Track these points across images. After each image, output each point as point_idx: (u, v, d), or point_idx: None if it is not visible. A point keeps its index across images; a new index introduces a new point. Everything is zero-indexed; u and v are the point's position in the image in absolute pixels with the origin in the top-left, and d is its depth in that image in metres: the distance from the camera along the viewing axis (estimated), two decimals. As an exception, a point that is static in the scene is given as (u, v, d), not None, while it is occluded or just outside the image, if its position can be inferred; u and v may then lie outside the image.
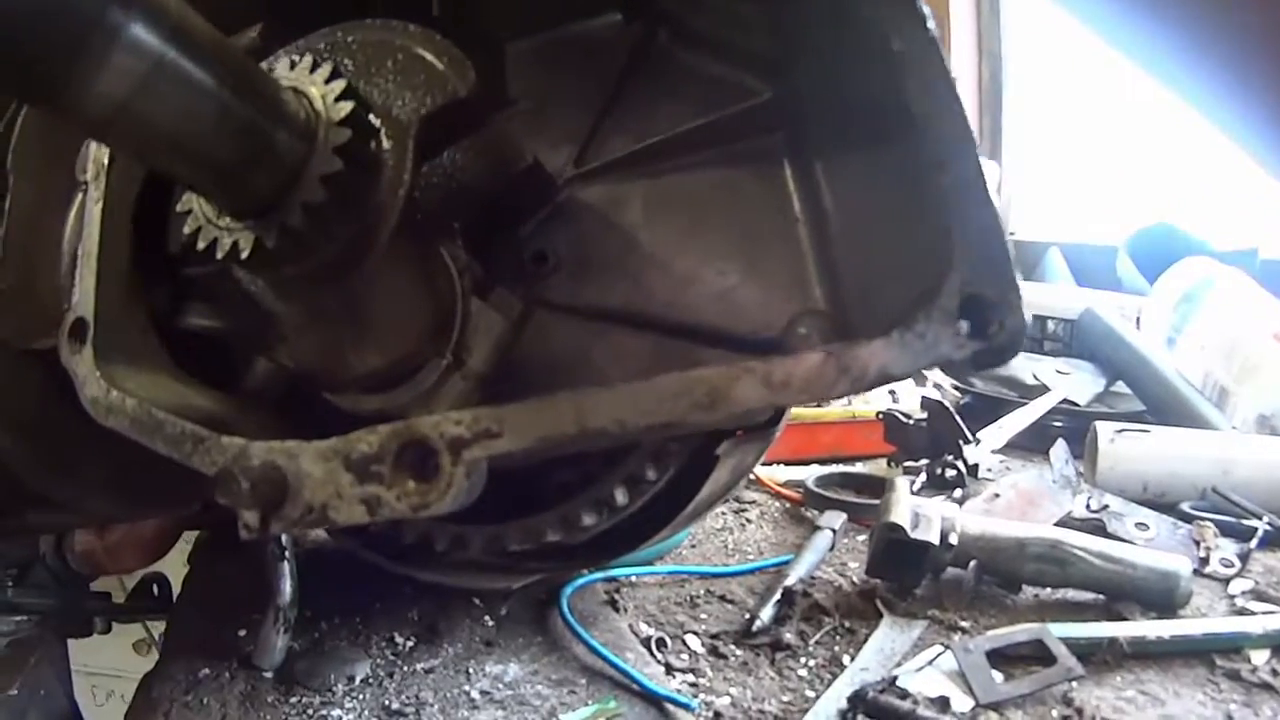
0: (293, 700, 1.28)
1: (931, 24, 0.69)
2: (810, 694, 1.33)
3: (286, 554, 1.35)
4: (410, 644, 1.42)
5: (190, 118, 0.66)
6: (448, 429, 0.68)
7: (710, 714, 1.29)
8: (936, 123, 0.66)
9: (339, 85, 0.78)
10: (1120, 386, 2.75)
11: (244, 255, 0.77)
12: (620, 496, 1.07)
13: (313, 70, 0.79)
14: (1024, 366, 2.79)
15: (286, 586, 1.34)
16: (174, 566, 1.87)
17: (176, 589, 1.81)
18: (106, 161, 0.93)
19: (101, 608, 1.91)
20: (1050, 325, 3.09)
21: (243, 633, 1.42)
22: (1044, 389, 2.63)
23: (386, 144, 0.80)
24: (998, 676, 1.32)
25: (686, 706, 1.27)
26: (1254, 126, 0.57)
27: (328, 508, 0.71)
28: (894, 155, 0.76)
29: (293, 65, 0.81)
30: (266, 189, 0.75)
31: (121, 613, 1.94)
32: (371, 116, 0.80)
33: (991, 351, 0.62)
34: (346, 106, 0.76)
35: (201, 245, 0.80)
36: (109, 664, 3.27)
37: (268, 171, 0.74)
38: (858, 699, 1.26)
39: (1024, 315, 0.62)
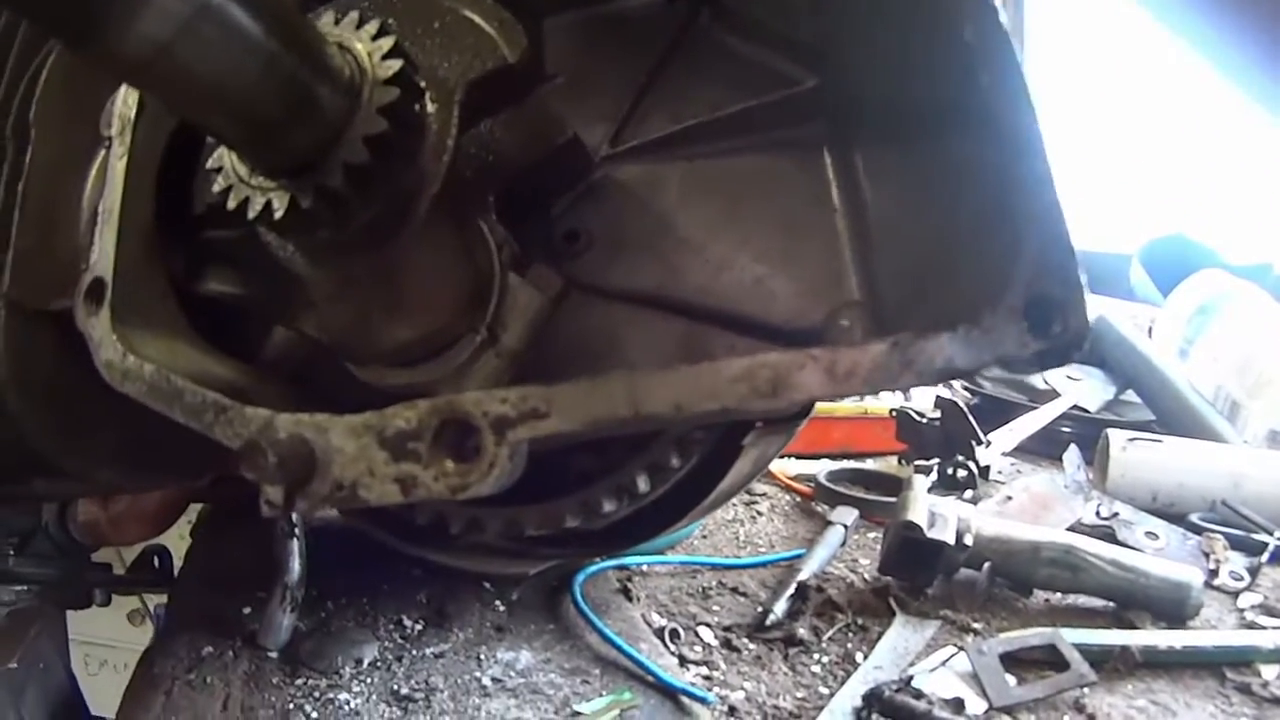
0: (298, 682, 1.26)
1: (1004, 15, 0.67)
2: (824, 690, 1.33)
3: (296, 531, 1.33)
4: (419, 627, 1.41)
5: (233, 66, 0.64)
6: (492, 407, 0.66)
7: (725, 708, 1.28)
8: (1009, 118, 0.65)
9: (387, 42, 0.75)
10: (1130, 395, 2.75)
11: (277, 216, 0.75)
12: (642, 484, 1.05)
13: (359, 25, 0.77)
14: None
15: (295, 565, 1.32)
16: (174, 539, 1.86)
17: (177, 562, 1.80)
18: (133, 116, 0.91)
19: (102, 579, 1.89)
20: (1063, 331, 3.10)
21: (247, 610, 1.40)
22: (1054, 394, 2.63)
23: (432, 106, 0.78)
24: (1011, 680, 1.32)
25: (704, 700, 1.26)
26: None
27: (359, 485, 0.69)
28: (939, 149, 0.76)
29: (338, 20, 0.78)
30: (306, 146, 0.73)
31: (122, 585, 1.93)
32: (418, 78, 0.78)
33: (1054, 351, 0.61)
34: (394, 65, 0.74)
35: (232, 204, 0.77)
36: (102, 633, 3.28)
37: (309, 128, 0.72)
38: (873, 698, 1.25)
39: (1088, 317, 0.61)
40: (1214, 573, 1.70)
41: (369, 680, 1.27)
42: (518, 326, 0.87)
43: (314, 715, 1.21)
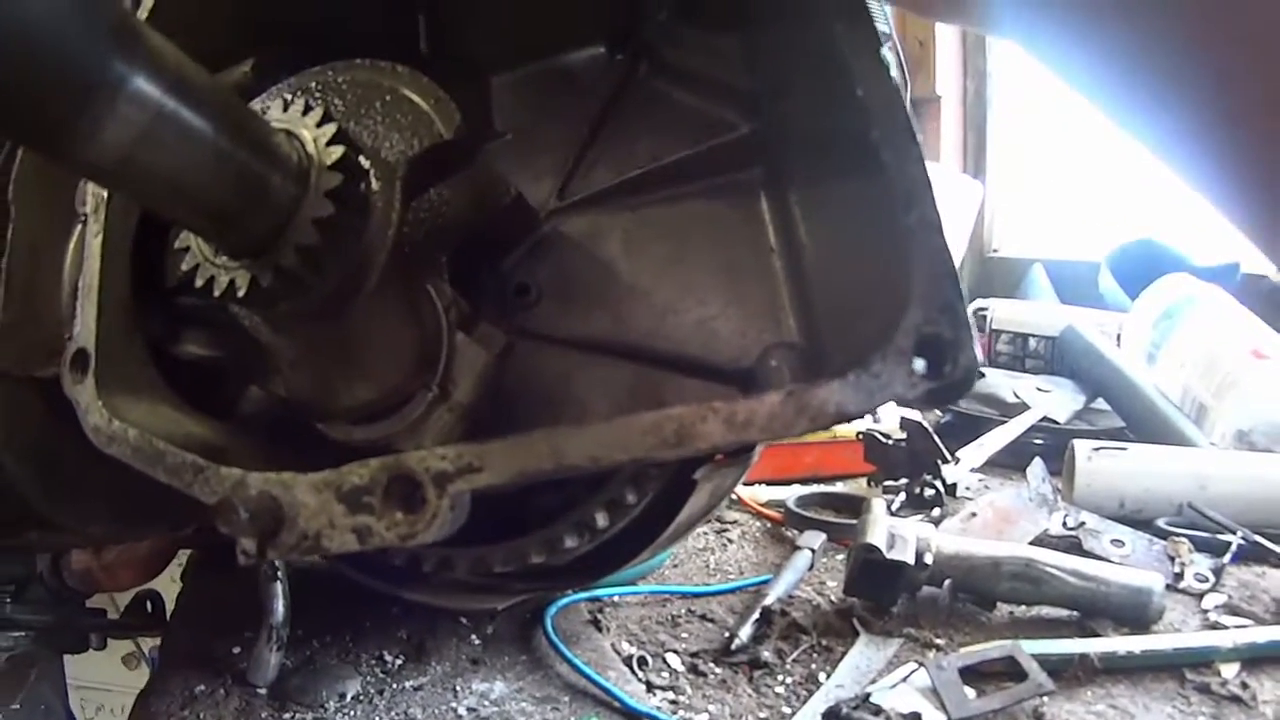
0: (286, 716, 1.30)
1: (895, 72, 0.72)
2: (786, 710, 1.35)
3: (279, 574, 1.37)
4: (399, 662, 1.45)
5: (190, 165, 0.68)
6: (433, 464, 0.71)
7: (688, 731, 1.32)
8: (898, 169, 0.69)
9: (330, 129, 0.80)
10: (1101, 403, 2.76)
11: (240, 294, 0.80)
12: (601, 520, 1.08)
13: (305, 113, 0.82)
14: (1005, 384, 2.81)
15: (279, 606, 1.36)
16: (165, 583, 1.90)
17: (169, 606, 1.84)
18: (105, 196, 0.95)
19: (97, 624, 1.93)
20: (1031, 343, 3.13)
21: (236, 650, 1.44)
22: (1024, 407, 2.64)
23: (376, 185, 0.83)
24: (970, 692, 1.34)
25: (667, 724, 1.30)
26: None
27: (321, 536, 0.74)
28: (865, 188, 0.78)
29: (286, 107, 0.83)
30: (261, 231, 0.77)
31: (116, 629, 1.96)
32: (361, 158, 0.83)
33: (945, 389, 0.64)
34: (337, 151, 0.79)
35: (199, 283, 0.82)
36: (98, 677, 3.28)
37: (263, 214, 0.77)
38: (832, 715, 1.28)
39: (976, 354, 0.64)
40: (1179, 576, 1.73)
41: (352, 713, 1.32)
42: (467, 383, 0.91)
43: (302, 749, 1.26)
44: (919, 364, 0.64)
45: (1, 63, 0.54)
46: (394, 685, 1.39)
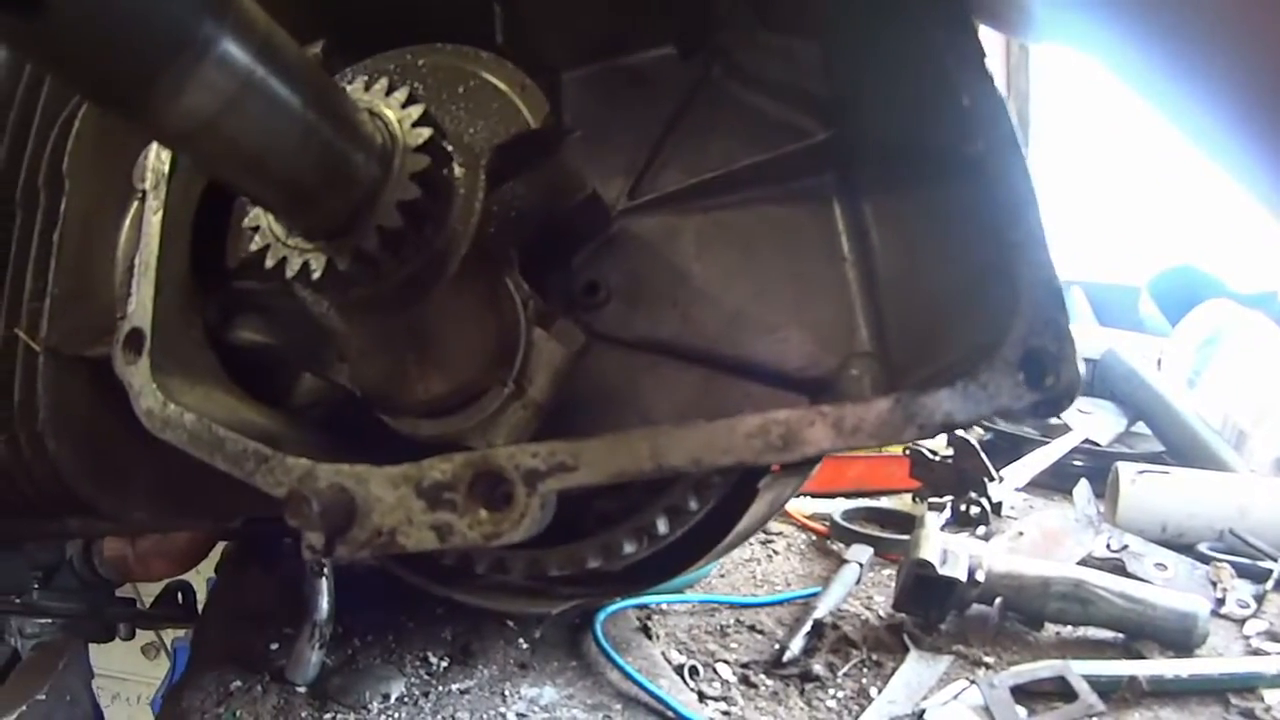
0: (327, 716, 1.29)
1: (1000, 82, 0.70)
2: (840, 725, 1.34)
3: (325, 570, 1.35)
4: (445, 664, 1.43)
5: (273, 137, 0.65)
6: (524, 461, 0.69)
7: (743, 743, 1.30)
8: (1005, 181, 0.67)
9: (416, 110, 0.77)
10: (1140, 427, 2.76)
11: (315, 276, 0.76)
12: (662, 526, 1.07)
13: (389, 93, 0.79)
14: (1046, 405, 2.78)
15: (324, 603, 1.34)
16: (193, 574, 1.88)
17: (200, 598, 1.83)
18: (166, 170, 0.93)
19: (127, 614, 1.92)
20: (1073, 365, 3.11)
21: (275, 646, 1.43)
22: (1066, 428, 2.64)
23: (460, 171, 0.80)
24: (1021, 712, 1.33)
25: (723, 735, 1.28)
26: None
27: (397, 532, 0.72)
28: (944, 199, 0.78)
29: (367, 86, 0.80)
30: (341, 211, 0.74)
31: (147, 619, 1.95)
32: (445, 143, 0.80)
33: (1048, 402, 0.63)
34: (424, 132, 0.76)
35: (270, 263, 0.79)
36: (115, 666, 3.28)
37: (344, 194, 0.74)
38: (889, 732, 1.26)
39: (1079, 368, 0.64)
40: (1221, 601, 1.72)
41: (397, 715, 1.30)
42: (543, 380, 0.88)
43: (344, 749, 1.24)
44: (1021, 376, 0.63)
45: (86, 6, 0.51)
46: (440, 688, 1.37)
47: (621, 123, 1.05)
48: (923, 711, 1.34)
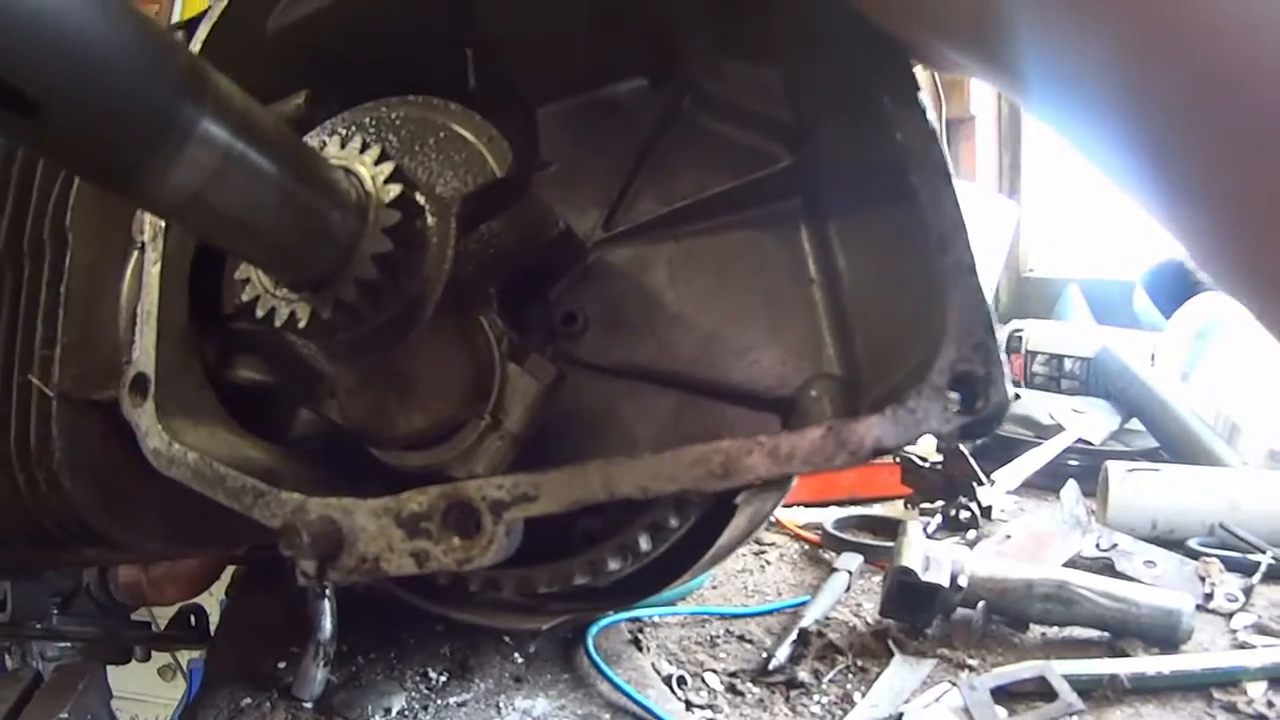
0: (332, 731, 1.33)
1: (931, 115, 0.74)
2: (822, 730, 1.37)
3: (327, 592, 1.40)
4: (443, 679, 1.47)
5: (255, 204, 0.71)
6: (490, 492, 0.74)
7: (726, 748, 1.33)
8: (934, 211, 0.71)
9: (387, 168, 0.83)
10: (1135, 424, 2.75)
11: (301, 325, 0.83)
12: (644, 543, 1.09)
13: (362, 150, 0.85)
14: (1040, 405, 2.80)
15: (327, 623, 1.39)
16: (205, 597, 1.93)
17: (212, 620, 1.87)
18: (163, 225, 0.99)
19: (142, 636, 1.97)
20: (1067, 364, 3.12)
21: (282, 665, 1.47)
22: (1059, 428, 2.64)
23: (431, 221, 0.86)
24: (1001, 713, 1.35)
25: (705, 741, 1.32)
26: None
27: (380, 559, 0.77)
28: (902, 219, 0.79)
29: (343, 144, 0.86)
30: (322, 266, 0.81)
31: (161, 642, 2.00)
32: (417, 195, 0.86)
33: (977, 424, 0.66)
34: (395, 189, 0.82)
35: (260, 313, 0.86)
36: (133, 688, 3.32)
37: (324, 250, 0.80)
38: (868, 734, 1.30)
39: (1008, 390, 0.66)
40: (1209, 596, 1.74)
41: (398, 728, 1.34)
42: (518, 412, 0.93)
43: (349, 762, 1.29)
44: (953, 399, 0.66)
45: (77, 107, 0.57)
46: (438, 701, 1.42)
47: (597, 155, 1.09)
48: (902, 714, 1.37)
